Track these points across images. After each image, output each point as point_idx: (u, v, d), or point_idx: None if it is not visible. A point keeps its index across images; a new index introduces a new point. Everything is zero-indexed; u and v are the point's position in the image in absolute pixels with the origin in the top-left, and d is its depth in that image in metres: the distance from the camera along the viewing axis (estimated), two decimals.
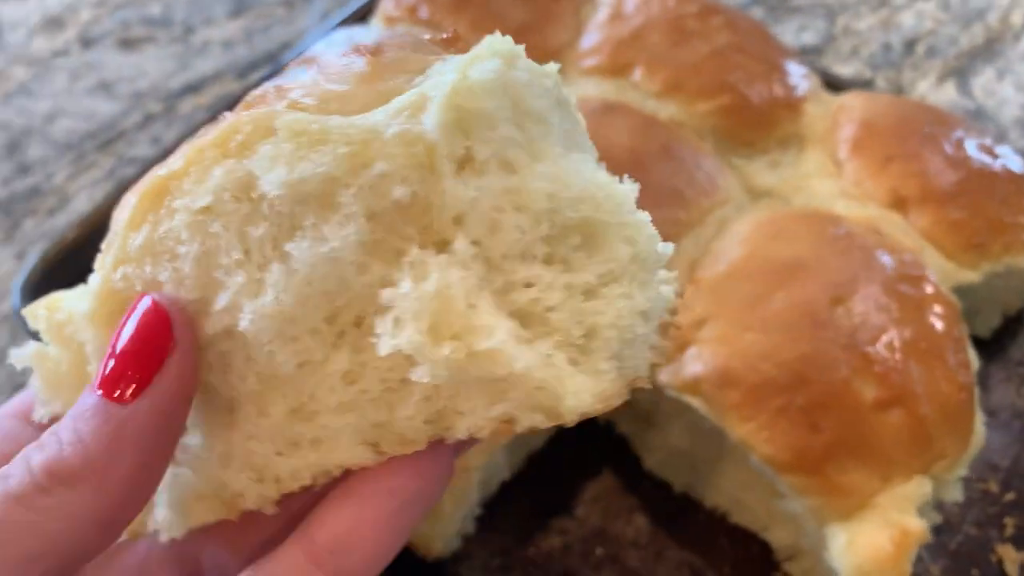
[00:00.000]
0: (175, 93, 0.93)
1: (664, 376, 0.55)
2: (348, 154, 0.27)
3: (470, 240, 0.28)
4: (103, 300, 0.32)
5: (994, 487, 0.64)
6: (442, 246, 0.28)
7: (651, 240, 0.29)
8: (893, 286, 0.56)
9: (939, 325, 0.55)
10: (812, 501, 0.52)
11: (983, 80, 0.91)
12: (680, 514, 0.62)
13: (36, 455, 0.29)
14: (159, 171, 0.30)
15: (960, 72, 0.92)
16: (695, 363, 0.54)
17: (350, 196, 0.28)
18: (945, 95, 0.90)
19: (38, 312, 0.34)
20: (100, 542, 0.29)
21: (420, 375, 0.28)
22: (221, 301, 0.30)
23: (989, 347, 0.70)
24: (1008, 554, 0.61)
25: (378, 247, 0.28)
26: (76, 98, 0.93)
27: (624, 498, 0.63)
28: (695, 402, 0.54)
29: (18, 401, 0.36)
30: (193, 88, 0.94)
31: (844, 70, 0.92)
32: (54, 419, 0.33)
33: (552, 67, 0.30)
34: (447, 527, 0.54)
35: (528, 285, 0.28)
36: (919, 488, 0.52)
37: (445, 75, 0.28)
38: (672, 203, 0.60)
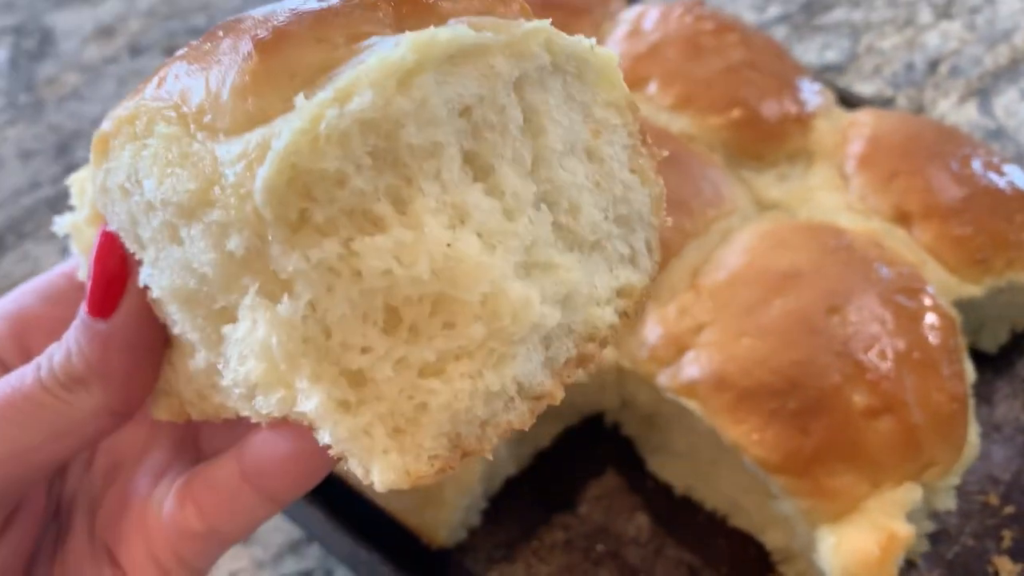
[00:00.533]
0: None
1: (663, 379, 0.57)
2: (195, 190, 0.27)
3: (303, 300, 0.27)
4: (94, 212, 0.36)
5: (994, 500, 0.64)
6: (283, 291, 0.27)
7: (523, 312, 0.27)
8: (890, 297, 0.57)
9: (934, 336, 0.57)
10: (802, 503, 0.54)
11: (1006, 100, 0.92)
12: (681, 515, 0.64)
13: (57, 355, 0.35)
14: (105, 124, 0.32)
15: (983, 92, 0.93)
16: (692, 367, 0.56)
17: (198, 231, 0.28)
18: (966, 115, 0.91)
19: (73, 185, 0.38)
20: (113, 425, 0.36)
21: (259, 406, 0.29)
22: (145, 263, 0.33)
23: (996, 362, 0.71)
24: (1004, 566, 0.62)
25: (233, 277, 0.28)
26: None
27: (627, 497, 0.65)
28: (691, 404, 0.56)
29: (69, 264, 0.43)
30: None
31: (866, 88, 0.94)
32: None
33: (521, 33, 0.28)
34: (450, 516, 0.57)
35: (364, 351, 0.27)
36: (908, 494, 0.54)
37: (304, 110, 0.25)
38: (677, 212, 0.62)
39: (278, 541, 0.66)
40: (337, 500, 0.58)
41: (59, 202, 0.89)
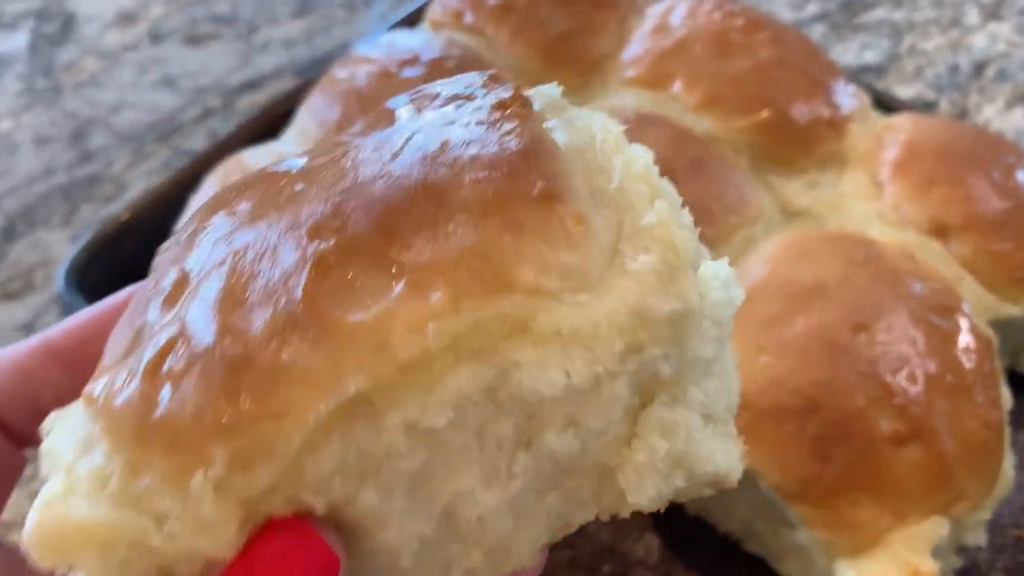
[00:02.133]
0: (234, 89, 0.96)
1: None
2: (623, 344, 0.26)
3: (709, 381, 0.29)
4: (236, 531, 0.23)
5: None
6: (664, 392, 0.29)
7: None
8: (922, 315, 0.54)
9: (968, 359, 0.53)
10: (820, 534, 0.50)
11: None
12: (693, 538, 0.61)
13: None
14: (353, 381, 0.24)
15: None
16: None
17: (621, 383, 0.27)
18: (1012, 121, 0.86)
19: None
20: None
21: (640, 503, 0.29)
22: (442, 498, 0.27)
23: None
24: None
25: (624, 413, 0.28)
26: (141, 91, 0.96)
27: (637, 517, 0.62)
28: None
29: (44, 336, 0.34)
30: (252, 85, 0.96)
31: (906, 91, 0.89)
32: None
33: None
34: None
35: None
36: (935, 528, 0.50)
37: (670, 235, 0.27)
38: (698, 218, 0.58)
39: None
40: None
41: (71, 190, 0.87)
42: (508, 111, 0.28)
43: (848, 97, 0.68)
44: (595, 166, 0.28)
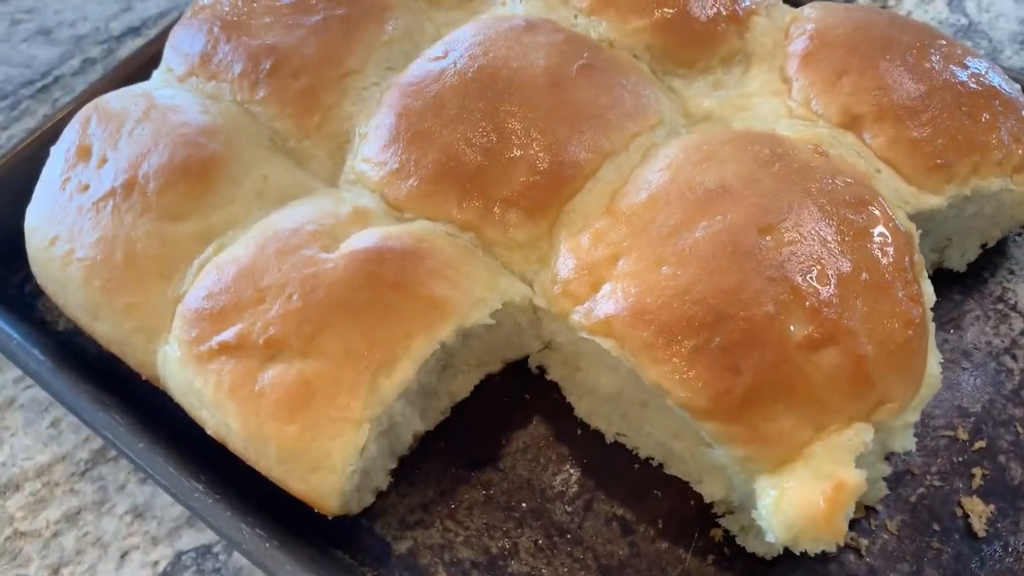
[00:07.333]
0: (116, 36, 0.89)
1: (577, 317, 0.50)
2: None
3: None
4: None
5: (963, 435, 0.58)
6: None
7: None
8: (834, 212, 0.50)
9: (885, 255, 0.49)
10: (736, 451, 0.47)
11: None
12: (612, 464, 0.57)
13: None
14: None
15: None
16: (607, 302, 0.49)
17: None
18: (934, 11, 0.83)
19: None
20: None
21: None
22: None
23: (964, 281, 0.64)
24: (975, 507, 0.55)
25: None
26: (14, 45, 0.89)
27: (553, 448, 0.58)
28: (607, 344, 0.49)
29: None
30: (135, 31, 0.89)
31: None
32: None
33: None
34: (339, 481, 0.49)
35: None
36: (859, 436, 0.47)
37: None
38: (592, 127, 0.54)
39: (173, 515, 0.59)
40: (221, 473, 0.52)
41: None
42: None
43: None
44: None
